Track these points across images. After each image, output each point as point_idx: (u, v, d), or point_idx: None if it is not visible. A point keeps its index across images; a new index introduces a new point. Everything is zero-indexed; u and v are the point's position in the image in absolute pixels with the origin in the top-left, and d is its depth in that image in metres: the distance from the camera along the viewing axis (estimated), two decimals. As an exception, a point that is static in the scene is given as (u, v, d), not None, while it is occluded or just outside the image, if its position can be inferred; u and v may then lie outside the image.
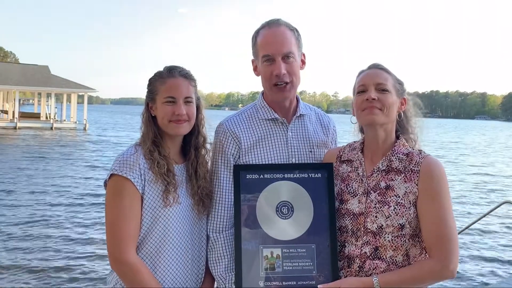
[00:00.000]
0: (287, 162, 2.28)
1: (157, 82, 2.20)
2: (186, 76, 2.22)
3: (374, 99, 2.03)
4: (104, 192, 2.15)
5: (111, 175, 2.09)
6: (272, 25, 2.25)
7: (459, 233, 5.54)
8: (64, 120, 47.01)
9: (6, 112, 46.86)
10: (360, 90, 2.09)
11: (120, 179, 2.06)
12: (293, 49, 2.21)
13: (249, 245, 2.05)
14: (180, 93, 2.17)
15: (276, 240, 2.05)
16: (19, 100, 46.91)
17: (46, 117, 45.92)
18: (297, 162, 2.29)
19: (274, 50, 2.20)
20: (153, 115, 2.22)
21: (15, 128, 40.43)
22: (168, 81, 2.18)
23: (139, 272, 2.04)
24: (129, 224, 2.05)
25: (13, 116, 42.56)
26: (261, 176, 2.12)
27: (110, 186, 2.10)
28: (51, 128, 41.81)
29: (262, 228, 2.06)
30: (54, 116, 44.58)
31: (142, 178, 2.08)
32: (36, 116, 47.48)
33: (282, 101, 2.31)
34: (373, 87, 2.06)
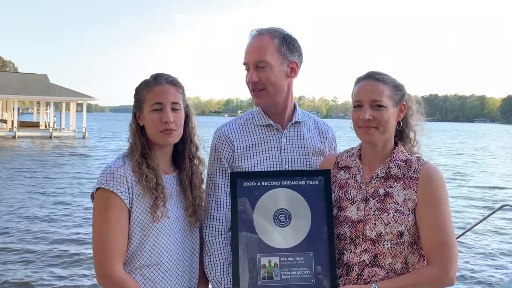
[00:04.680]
0: (280, 168, 2.28)
1: (143, 90, 2.17)
2: (173, 82, 2.18)
3: (369, 119, 2.02)
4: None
5: (98, 188, 2.05)
6: (252, 34, 2.32)
7: (459, 236, 5.54)
8: (63, 128, 47.09)
9: (5, 121, 46.96)
10: (356, 105, 2.08)
11: (107, 193, 2.01)
12: (267, 58, 2.23)
13: (246, 254, 2.03)
14: (166, 99, 2.12)
15: (274, 249, 2.03)
16: (18, 109, 47.03)
17: (45, 126, 46.02)
18: (290, 168, 2.29)
19: (247, 59, 2.29)
20: (141, 125, 2.18)
21: (14, 137, 40.48)
22: (155, 88, 2.14)
23: (125, 286, 1.99)
24: (116, 238, 2.00)
25: (12, 125, 42.64)
26: (258, 184, 2.10)
27: (97, 200, 2.05)
28: (50, 137, 41.91)
29: (259, 236, 2.04)
30: (53, 124, 44.67)
31: (130, 192, 2.04)
32: (35, 125, 47.54)
33: (267, 108, 2.35)
34: (368, 104, 2.03)
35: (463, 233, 5.78)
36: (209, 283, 2.30)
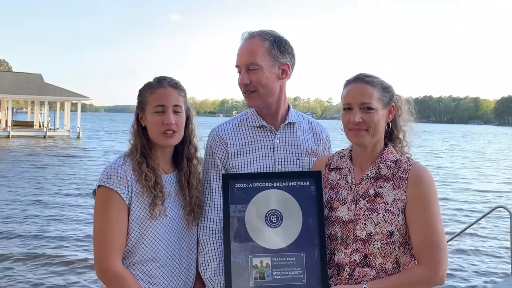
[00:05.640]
0: (273, 169, 2.31)
1: (146, 92, 2.24)
2: (175, 86, 2.25)
3: (359, 122, 2.03)
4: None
5: (99, 185, 2.12)
6: (244, 37, 2.35)
7: (450, 239, 5.57)
8: (58, 128, 46.87)
9: (-1, 121, 46.68)
10: (346, 107, 2.10)
11: (107, 190, 2.09)
12: (257, 60, 2.26)
13: (238, 255, 2.05)
14: (169, 102, 2.19)
15: (266, 249, 2.05)
16: (12, 108, 46.79)
17: (40, 126, 45.77)
18: (283, 169, 2.31)
19: (239, 61, 2.33)
20: (143, 125, 2.25)
21: (8, 137, 40.25)
22: (158, 91, 2.21)
23: (123, 280, 2.06)
24: (115, 234, 2.07)
25: (6, 125, 42.40)
26: (250, 185, 2.12)
27: (98, 196, 2.13)
28: (45, 137, 41.68)
29: (251, 237, 2.06)
30: (48, 124, 44.45)
31: (129, 190, 2.11)
32: (30, 125, 47.33)
33: (259, 109, 2.37)
34: (358, 107, 2.05)
35: (457, 234, 5.81)
36: None
